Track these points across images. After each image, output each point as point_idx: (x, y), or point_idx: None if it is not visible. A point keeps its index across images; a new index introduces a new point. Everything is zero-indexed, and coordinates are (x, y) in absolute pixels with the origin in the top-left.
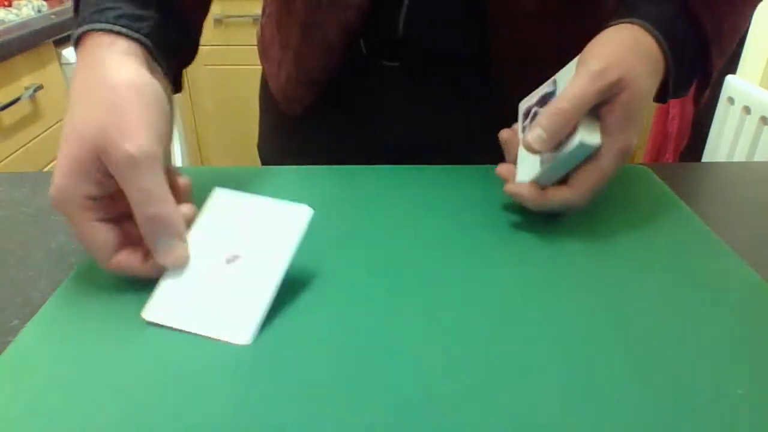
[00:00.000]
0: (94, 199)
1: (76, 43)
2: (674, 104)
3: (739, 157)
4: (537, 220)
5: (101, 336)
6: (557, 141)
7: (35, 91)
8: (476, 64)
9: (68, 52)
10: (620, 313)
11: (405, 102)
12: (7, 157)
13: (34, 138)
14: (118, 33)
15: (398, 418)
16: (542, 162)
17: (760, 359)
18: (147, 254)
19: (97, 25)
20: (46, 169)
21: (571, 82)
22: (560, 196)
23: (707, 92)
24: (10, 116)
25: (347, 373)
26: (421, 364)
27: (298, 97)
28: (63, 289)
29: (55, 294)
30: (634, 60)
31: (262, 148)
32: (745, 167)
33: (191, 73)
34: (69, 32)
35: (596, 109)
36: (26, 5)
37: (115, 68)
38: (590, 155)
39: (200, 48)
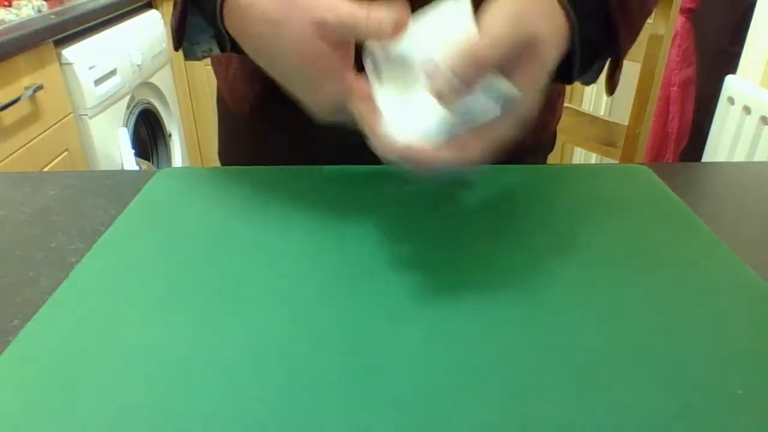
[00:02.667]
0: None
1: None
2: (674, 104)
3: (739, 157)
4: (533, 217)
5: (101, 336)
6: (468, 85)
7: (35, 91)
8: None
9: (68, 52)
10: (619, 313)
11: None
12: (7, 157)
13: (34, 138)
14: None
15: (398, 418)
16: (437, 115)
17: (760, 359)
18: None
19: None
20: (46, 169)
21: (489, 25)
22: (452, 154)
23: (617, 78)
24: (10, 116)
25: (347, 372)
26: (421, 364)
27: (245, 95)
28: (63, 289)
29: (55, 294)
30: (549, 22)
31: (221, 154)
32: (745, 167)
33: (191, 74)
34: (69, 32)
35: (508, 71)
36: (26, 5)
37: None
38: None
39: None
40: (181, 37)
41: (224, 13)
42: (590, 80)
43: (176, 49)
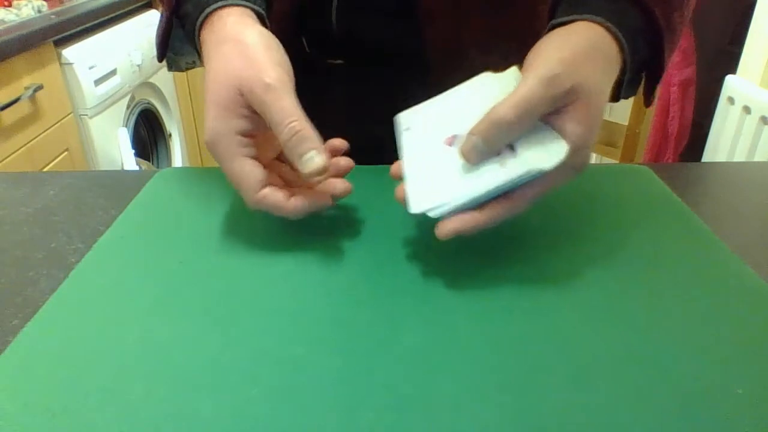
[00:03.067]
0: (242, 135)
1: (201, 25)
2: (674, 104)
3: (739, 157)
4: (531, 218)
5: (101, 336)
6: (495, 153)
7: (35, 91)
8: (416, 59)
9: (68, 52)
10: (619, 314)
11: (351, 101)
12: (7, 157)
13: (34, 138)
14: (237, 5)
15: (398, 418)
16: (468, 184)
17: (760, 359)
18: (290, 195)
19: (221, 2)
20: (46, 169)
21: (517, 87)
22: (503, 212)
23: (658, 90)
24: (10, 116)
25: (347, 372)
26: (421, 364)
27: None
28: (63, 289)
29: (55, 294)
30: (590, 65)
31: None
32: (745, 167)
33: (191, 73)
34: (69, 32)
35: (548, 120)
36: (26, 5)
37: (241, 28)
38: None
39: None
40: (165, 49)
41: (203, 25)
42: (631, 94)
43: (160, 60)
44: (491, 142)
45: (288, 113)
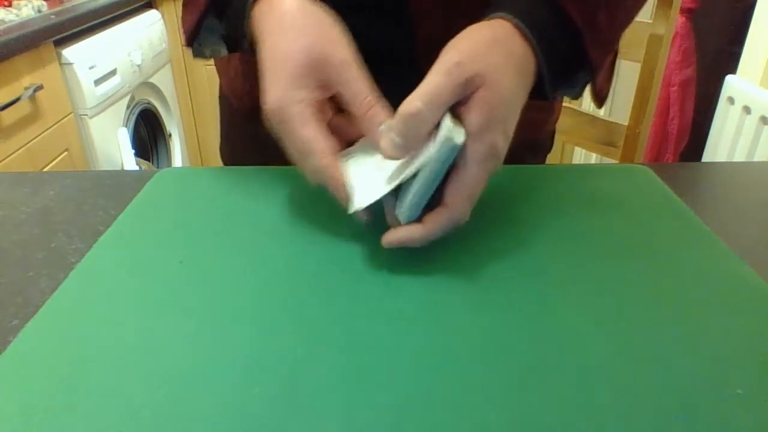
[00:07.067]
0: (314, 103)
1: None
2: (674, 104)
3: (739, 157)
4: (533, 217)
5: (101, 336)
6: (413, 146)
7: (35, 91)
8: (406, 59)
9: (68, 52)
10: (619, 313)
11: None
12: (7, 157)
13: (34, 138)
14: None
15: (398, 418)
16: (404, 191)
17: (760, 359)
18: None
19: None
20: (46, 169)
21: (424, 79)
22: (442, 220)
23: (607, 88)
24: (10, 116)
25: (347, 372)
26: (421, 364)
27: (246, 91)
28: (63, 289)
29: (55, 294)
30: (492, 56)
31: (222, 149)
32: (745, 167)
33: (191, 73)
34: (69, 32)
35: (455, 110)
36: (26, 5)
37: (300, 5)
38: (455, 165)
39: None
40: (194, 38)
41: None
42: (575, 94)
43: (187, 45)
44: (405, 134)
45: (365, 89)
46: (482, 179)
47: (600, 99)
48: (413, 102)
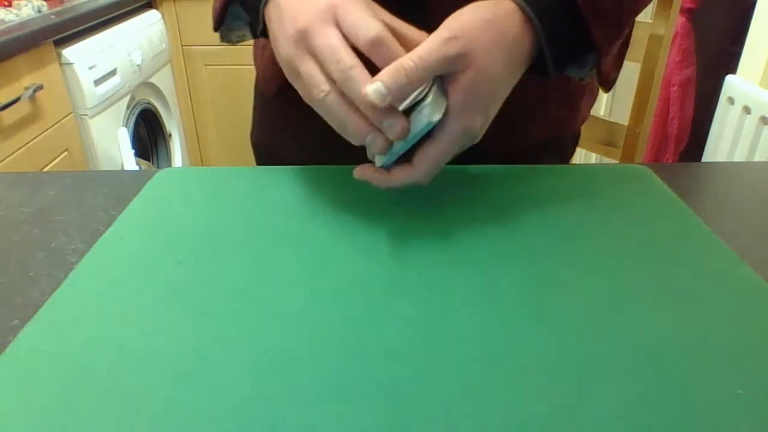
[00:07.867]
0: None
1: None
2: (674, 104)
3: (739, 157)
4: (533, 217)
5: (101, 336)
6: (396, 98)
7: (35, 91)
8: None
9: (68, 52)
10: (619, 313)
11: None
12: (7, 157)
13: (34, 138)
14: None
15: (398, 418)
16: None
17: (760, 359)
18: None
19: None
20: (46, 169)
21: (423, 43)
22: (403, 175)
23: (614, 73)
24: (10, 116)
25: (347, 372)
26: (421, 363)
27: (274, 75)
28: (63, 289)
29: (55, 294)
30: (486, 37)
31: (253, 133)
32: (745, 167)
33: (191, 74)
34: (69, 32)
35: (446, 84)
36: (26, 5)
37: None
38: (432, 132)
39: (200, 48)
40: (221, 22)
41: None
42: (581, 76)
43: (215, 30)
44: (391, 86)
45: (372, 24)
46: (450, 153)
47: (607, 83)
48: (406, 58)
